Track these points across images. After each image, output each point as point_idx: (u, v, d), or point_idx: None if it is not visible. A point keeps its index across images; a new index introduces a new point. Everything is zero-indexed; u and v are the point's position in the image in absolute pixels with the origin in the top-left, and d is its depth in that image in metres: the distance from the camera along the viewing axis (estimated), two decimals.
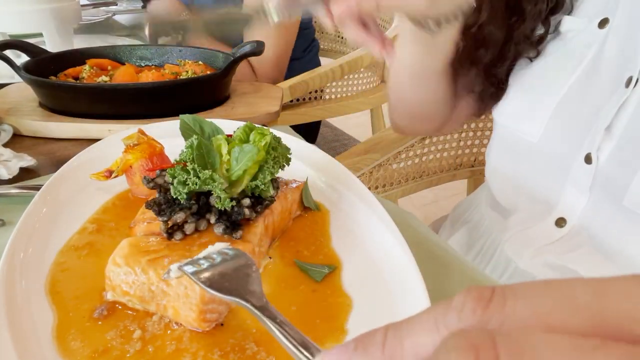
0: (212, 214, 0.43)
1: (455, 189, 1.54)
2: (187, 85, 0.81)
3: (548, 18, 0.65)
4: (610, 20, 0.59)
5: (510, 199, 0.73)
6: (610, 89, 0.57)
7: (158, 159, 0.54)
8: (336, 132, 2.92)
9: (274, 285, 0.43)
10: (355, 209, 0.53)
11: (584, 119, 0.60)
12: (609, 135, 0.57)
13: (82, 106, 0.79)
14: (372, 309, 0.41)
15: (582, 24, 0.61)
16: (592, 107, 0.59)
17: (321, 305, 0.41)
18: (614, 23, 0.58)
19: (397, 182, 1.11)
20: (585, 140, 0.59)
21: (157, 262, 0.39)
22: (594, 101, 0.59)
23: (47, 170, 0.68)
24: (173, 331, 0.38)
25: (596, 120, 0.58)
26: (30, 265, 0.42)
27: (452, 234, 0.87)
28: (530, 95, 0.65)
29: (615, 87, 0.57)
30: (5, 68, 0.83)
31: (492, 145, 0.75)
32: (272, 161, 0.46)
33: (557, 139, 0.63)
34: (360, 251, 0.48)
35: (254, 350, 0.37)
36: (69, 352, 0.36)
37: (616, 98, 0.56)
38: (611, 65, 0.58)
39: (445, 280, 0.49)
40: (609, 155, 0.57)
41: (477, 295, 0.18)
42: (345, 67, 1.45)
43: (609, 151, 0.57)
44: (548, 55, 0.65)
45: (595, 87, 0.59)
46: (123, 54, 1.00)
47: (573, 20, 0.63)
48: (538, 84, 0.65)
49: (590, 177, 0.58)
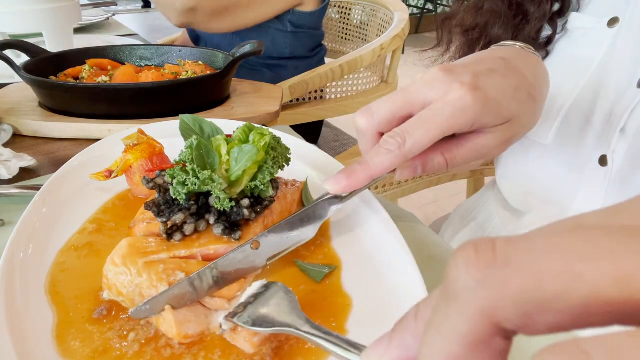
0: (211, 214, 0.43)
1: (455, 189, 1.54)
2: (187, 85, 0.81)
3: (555, 19, 0.63)
4: (620, 20, 0.57)
5: (523, 201, 0.73)
6: (622, 90, 0.56)
7: (158, 159, 0.54)
8: (336, 132, 2.92)
9: None
10: (355, 209, 0.53)
11: (596, 121, 0.59)
12: (624, 137, 0.56)
13: (82, 106, 0.79)
14: (372, 309, 0.41)
15: (591, 22, 0.60)
16: (604, 108, 0.58)
17: (321, 305, 0.41)
18: (624, 22, 0.57)
19: (397, 182, 1.11)
20: (599, 142, 0.58)
21: (153, 266, 0.39)
22: (606, 103, 0.58)
23: (47, 170, 0.68)
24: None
25: (609, 122, 0.57)
26: (30, 265, 0.42)
27: (456, 232, 0.87)
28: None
29: (627, 88, 0.56)
30: (5, 68, 0.83)
31: None
32: (271, 161, 0.46)
33: (569, 142, 0.62)
34: (360, 251, 0.48)
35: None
36: (68, 352, 0.36)
37: (628, 99, 0.55)
38: (622, 65, 0.57)
39: None
40: (625, 157, 0.56)
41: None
42: (345, 67, 1.45)
43: (623, 153, 0.56)
44: (557, 54, 0.64)
45: (606, 89, 0.58)
46: (123, 54, 1.00)
47: (581, 18, 0.61)
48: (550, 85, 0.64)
49: (606, 180, 0.58)
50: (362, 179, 0.42)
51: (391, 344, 0.21)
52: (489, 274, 0.16)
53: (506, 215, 0.78)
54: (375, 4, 1.79)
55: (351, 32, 1.92)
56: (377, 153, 0.41)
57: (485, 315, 0.16)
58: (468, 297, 0.16)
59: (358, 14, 1.88)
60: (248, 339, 0.36)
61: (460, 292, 0.17)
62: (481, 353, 0.16)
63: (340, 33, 1.96)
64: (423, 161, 0.44)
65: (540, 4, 0.63)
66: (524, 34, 0.64)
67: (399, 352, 0.20)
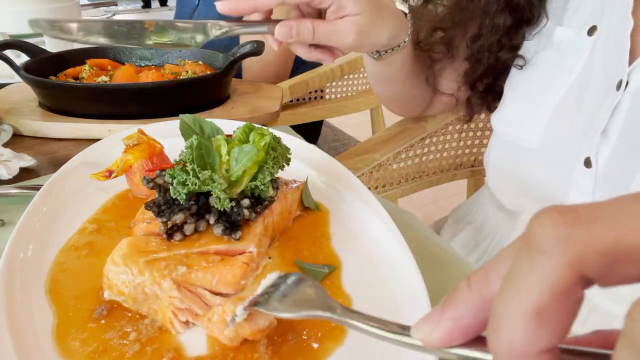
0: (211, 214, 0.43)
1: (455, 189, 1.54)
2: (187, 85, 0.81)
3: (517, 31, 0.69)
4: (598, 28, 0.61)
5: (515, 201, 0.74)
6: (603, 93, 0.58)
7: (158, 159, 0.54)
8: (336, 132, 2.92)
9: None
10: (355, 209, 0.53)
11: (580, 124, 0.61)
12: (606, 138, 0.57)
13: (82, 106, 0.79)
14: (372, 309, 0.41)
15: (573, 33, 0.63)
16: (587, 111, 0.60)
17: None
18: (601, 30, 0.60)
19: (397, 182, 1.11)
20: (583, 144, 0.59)
21: (154, 264, 0.39)
22: (589, 106, 0.60)
23: (47, 170, 0.68)
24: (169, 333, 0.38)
25: (592, 125, 0.59)
26: (30, 265, 0.42)
27: (455, 234, 0.88)
28: (528, 102, 0.67)
29: (607, 91, 0.58)
30: (5, 68, 0.83)
31: (490, 150, 0.76)
32: (271, 161, 0.46)
33: (555, 145, 0.64)
34: (360, 251, 0.48)
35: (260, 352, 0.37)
36: (68, 352, 0.36)
37: (609, 102, 0.57)
38: (602, 70, 0.59)
39: (445, 280, 0.49)
40: (608, 158, 0.57)
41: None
42: (345, 67, 1.45)
43: (607, 154, 0.57)
44: (542, 64, 0.67)
45: (588, 92, 0.60)
46: (123, 54, 1.00)
47: (564, 31, 0.65)
48: (535, 92, 0.67)
49: (592, 180, 0.59)
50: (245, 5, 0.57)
51: (443, 315, 0.22)
52: (575, 230, 0.18)
53: (502, 216, 0.78)
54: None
55: None
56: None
57: (573, 265, 0.18)
58: (556, 250, 0.18)
59: None
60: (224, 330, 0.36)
61: (547, 246, 0.18)
62: (563, 301, 0.18)
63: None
64: (297, 23, 0.59)
65: (494, 17, 0.68)
66: (481, 45, 0.71)
67: (452, 323, 0.21)
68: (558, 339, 0.19)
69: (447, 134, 1.13)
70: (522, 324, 0.18)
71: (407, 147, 1.07)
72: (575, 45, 0.63)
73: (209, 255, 0.41)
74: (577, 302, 0.18)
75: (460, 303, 0.22)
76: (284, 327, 0.39)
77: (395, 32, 0.67)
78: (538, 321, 0.18)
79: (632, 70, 0.55)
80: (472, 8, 0.72)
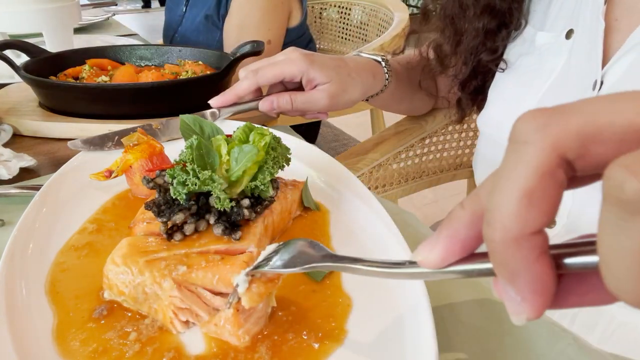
0: (211, 214, 0.43)
1: (455, 189, 1.54)
2: (187, 85, 0.81)
3: (497, 34, 0.72)
4: (575, 31, 0.63)
5: None
6: (580, 93, 0.61)
7: (158, 159, 0.54)
8: (336, 132, 2.92)
9: None
10: (355, 209, 0.53)
11: None
12: None
13: (82, 106, 0.79)
14: (372, 309, 0.41)
15: (553, 37, 0.67)
16: None
17: (321, 305, 0.41)
18: (577, 33, 0.63)
19: (397, 182, 1.11)
20: None
21: (154, 264, 0.39)
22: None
23: (47, 170, 0.68)
24: (169, 333, 0.38)
25: None
26: (30, 265, 0.42)
27: None
28: (511, 104, 0.70)
29: (584, 91, 0.60)
30: (5, 68, 0.83)
31: (478, 152, 0.80)
32: (271, 161, 0.46)
33: None
34: (360, 251, 0.48)
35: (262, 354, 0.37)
36: (68, 352, 0.36)
37: None
38: (579, 71, 0.62)
39: (444, 280, 0.49)
40: None
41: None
42: None
43: None
44: (524, 67, 0.70)
45: (567, 93, 0.63)
46: (123, 54, 1.00)
47: (544, 35, 0.68)
48: (517, 93, 0.70)
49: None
50: (229, 97, 0.71)
51: (440, 234, 0.23)
52: (552, 118, 0.20)
53: None
54: (375, 4, 1.79)
55: (351, 32, 1.92)
56: (240, 81, 0.71)
57: (554, 147, 0.20)
58: (538, 137, 0.20)
59: (358, 14, 1.88)
60: (233, 332, 0.36)
61: (529, 135, 0.20)
62: (549, 182, 0.20)
63: (340, 33, 1.96)
64: (277, 97, 0.71)
65: (472, 22, 0.72)
66: (463, 48, 0.75)
67: (449, 239, 0.23)
68: (547, 220, 0.20)
69: (447, 134, 1.13)
70: (514, 207, 0.20)
71: (407, 147, 1.07)
72: (555, 49, 0.65)
73: (209, 255, 0.41)
74: (560, 184, 0.20)
75: (455, 222, 0.23)
76: (284, 327, 0.39)
77: (369, 87, 0.76)
78: (528, 202, 0.20)
79: (606, 70, 0.58)
80: (456, 13, 0.75)
